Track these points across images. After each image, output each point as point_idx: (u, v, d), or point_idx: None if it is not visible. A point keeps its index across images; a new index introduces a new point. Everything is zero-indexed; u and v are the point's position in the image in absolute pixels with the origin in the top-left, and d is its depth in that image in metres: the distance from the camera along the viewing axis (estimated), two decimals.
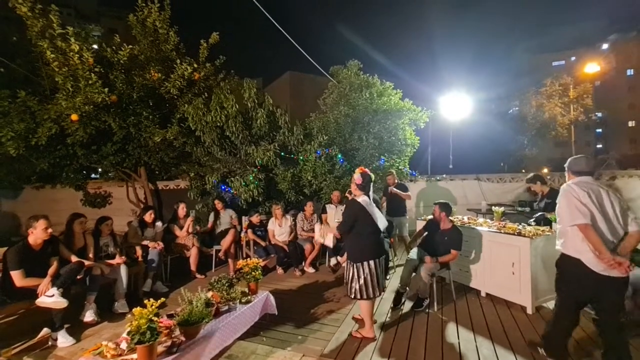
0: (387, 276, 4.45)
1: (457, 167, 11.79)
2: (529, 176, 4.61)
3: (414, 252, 3.89)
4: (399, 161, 6.67)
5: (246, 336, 2.94)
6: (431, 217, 4.02)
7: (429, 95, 10.97)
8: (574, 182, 2.41)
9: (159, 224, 4.70)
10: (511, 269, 3.56)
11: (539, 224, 4.02)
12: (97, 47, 5.58)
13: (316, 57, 6.94)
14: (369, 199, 2.93)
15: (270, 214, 5.59)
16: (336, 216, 5.04)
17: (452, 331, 3.12)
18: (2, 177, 6.65)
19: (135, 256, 4.11)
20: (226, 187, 5.78)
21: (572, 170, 2.50)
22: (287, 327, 3.21)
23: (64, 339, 2.94)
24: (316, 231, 3.78)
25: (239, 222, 5.40)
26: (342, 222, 2.97)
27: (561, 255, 2.45)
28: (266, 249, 5.12)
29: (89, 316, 3.33)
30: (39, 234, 3.00)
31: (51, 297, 2.84)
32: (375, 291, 2.89)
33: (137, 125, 5.44)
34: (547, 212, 4.15)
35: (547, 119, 17.80)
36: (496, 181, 8.69)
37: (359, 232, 2.89)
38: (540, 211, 4.35)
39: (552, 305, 2.74)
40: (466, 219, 4.58)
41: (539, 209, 4.45)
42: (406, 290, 3.75)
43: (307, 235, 5.28)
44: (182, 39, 6.07)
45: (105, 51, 5.41)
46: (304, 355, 2.75)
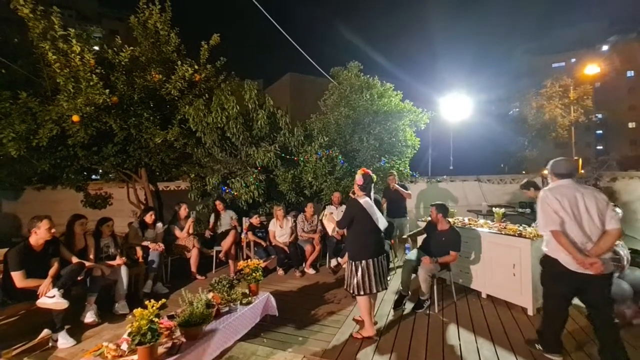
0: (388, 277, 4.44)
1: (457, 169, 11.77)
2: (523, 182, 4.58)
3: (413, 253, 3.89)
4: (399, 162, 6.68)
5: (247, 337, 2.94)
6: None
7: (430, 96, 10.97)
8: (549, 188, 2.56)
9: (160, 225, 4.70)
10: (512, 270, 3.56)
11: None
12: (98, 48, 5.60)
13: (317, 59, 6.96)
14: (371, 199, 3.04)
15: (270, 215, 5.59)
16: (337, 217, 5.03)
17: (453, 332, 3.12)
18: (3, 178, 6.66)
19: (135, 257, 4.11)
20: (227, 188, 5.79)
21: (553, 172, 2.61)
22: (287, 329, 3.21)
23: (64, 340, 2.94)
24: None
25: (239, 223, 5.40)
26: (341, 219, 3.13)
27: (544, 254, 2.62)
28: (266, 250, 5.12)
29: (89, 317, 3.33)
30: (42, 234, 3.01)
31: (52, 298, 2.84)
32: (372, 287, 2.94)
33: (138, 126, 5.45)
34: None
35: (547, 120, 17.78)
36: (497, 182, 8.70)
37: (358, 231, 3.00)
38: None
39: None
40: (467, 220, 4.57)
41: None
42: (408, 293, 3.75)
43: (307, 236, 5.28)
44: (183, 40, 6.09)
45: (106, 53, 5.42)
46: (304, 356, 2.75)
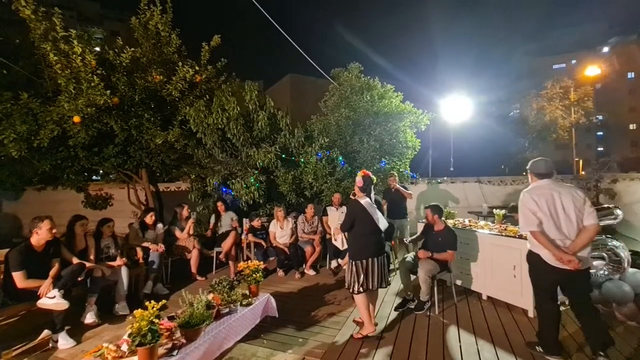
0: (389, 278, 4.44)
1: (457, 170, 11.75)
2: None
3: (411, 254, 3.93)
4: (399, 163, 6.68)
5: (247, 339, 2.93)
6: None
7: (430, 98, 10.99)
8: (528, 189, 2.62)
9: (160, 226, 4.70)
10: (512, 272, 3.55)
11: None
12: (99, 49, 5.63)
13: (317, 60, 6.98)
14: (371, 200, 3.08)
15: (270, 216, 5.59)
16: (338, 218, 5.05)
17: (453, 334, 3.12)
18: (3, 178, 6.66)
19: (136, 258, 4.12)
20: (227, 189, 5.79)
21: (533, 173, 2.67)
22: (287, 330, 3.21)
23: (64, 341, 2.94)
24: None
25: (239, 224, 5.40)
26: (343, 221, 3.16)
27: (528, 250, 2.72)
28: (267, 251, 5.12)
29: (89, 318, 3.33)
30: (43, 234, 3.02)
31: (52, 299, 2.85)
32: (372, 284, 3.00)
33: (138, 127, 5.45)
34: None
35: (547, 121, 17.78)
36: (497, 184, 8.70)
37: (359, 231, 3.04)
38: None
39: None
40: (467, 221, 4.57)
41: None
42: (413, 299, 3.73)
43: (307, 237, 5.28)
44: (184, 41, 6.11)
45: (107, 54, 5.43)
46: (304, 357, 2.74)
